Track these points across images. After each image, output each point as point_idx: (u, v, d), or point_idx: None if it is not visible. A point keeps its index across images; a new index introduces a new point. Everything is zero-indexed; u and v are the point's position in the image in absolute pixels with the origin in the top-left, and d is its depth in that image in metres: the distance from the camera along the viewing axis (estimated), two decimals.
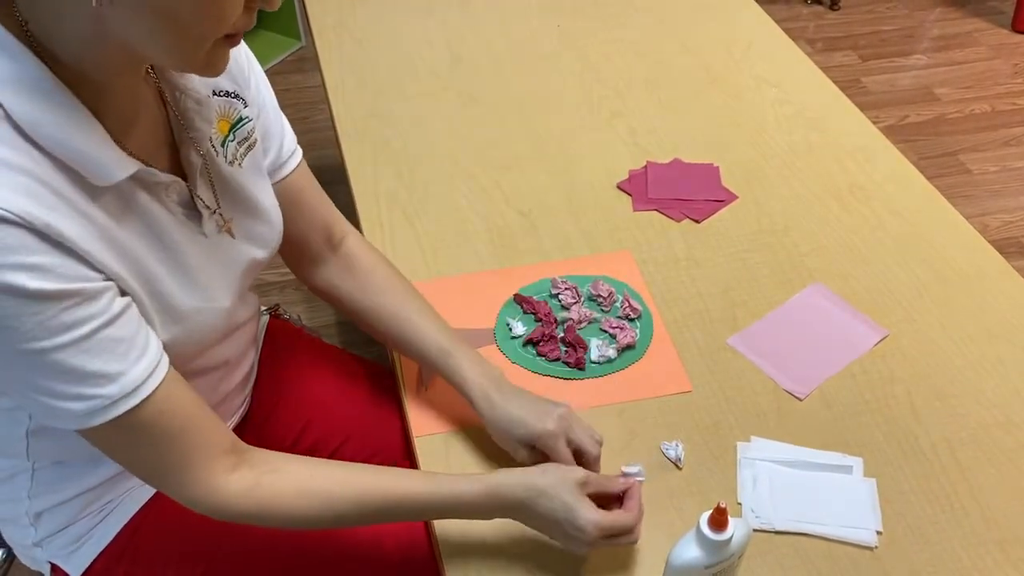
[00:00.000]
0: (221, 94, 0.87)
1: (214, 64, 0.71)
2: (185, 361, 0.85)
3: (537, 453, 0.93)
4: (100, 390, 0.72)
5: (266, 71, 0.98)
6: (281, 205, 0.97)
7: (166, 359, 0.77)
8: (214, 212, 0.86)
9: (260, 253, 0.93)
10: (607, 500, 0.88)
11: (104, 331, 0.71)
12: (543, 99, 1.54)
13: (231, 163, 0.88)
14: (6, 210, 0.63)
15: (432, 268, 1.22)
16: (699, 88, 1.57)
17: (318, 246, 1.06)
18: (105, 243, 0.72)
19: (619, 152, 1.43)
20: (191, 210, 0.84)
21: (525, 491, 0.85)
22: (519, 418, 0.93)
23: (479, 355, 1.00)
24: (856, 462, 0.99)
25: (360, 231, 1.28)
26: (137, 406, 0.74)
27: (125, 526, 0.97)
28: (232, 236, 0.89)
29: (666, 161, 1.41)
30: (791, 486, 0.97)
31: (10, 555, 1.29)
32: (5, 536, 1.01)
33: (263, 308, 1.18)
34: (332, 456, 1.17)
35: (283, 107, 1.02)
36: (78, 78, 0.70)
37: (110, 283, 0.73)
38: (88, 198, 0.71)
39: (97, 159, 0.71)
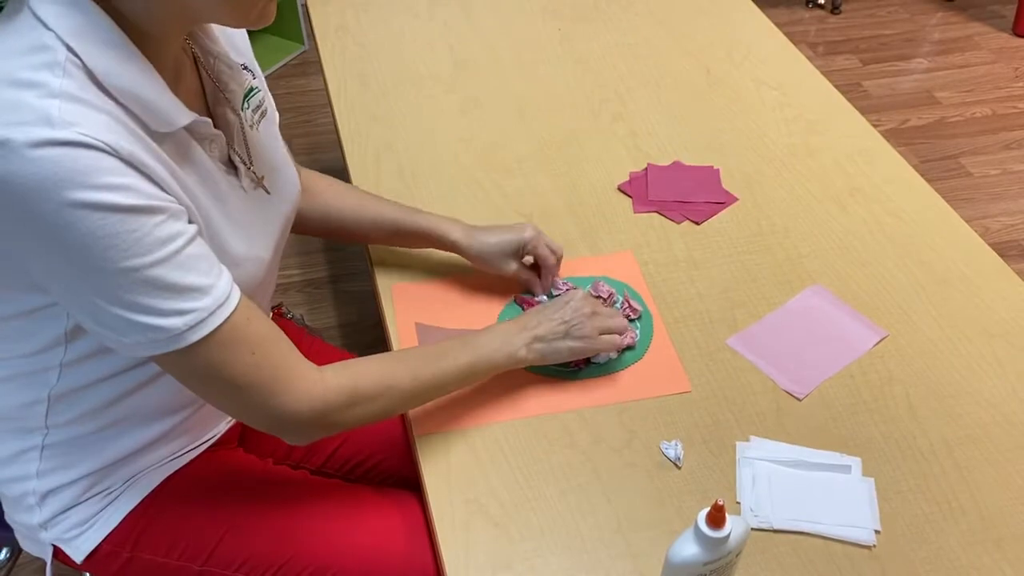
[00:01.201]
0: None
1: (266, 16, 0.78)
2: None
3: (520, 264, 1.16)
4: (197, 303, 0.77)
5: (269, 75, 1.02)
6: None
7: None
8: (249, 168, 0.93)
9: (288, 207, 1.00)
10: None
11: (190, 247, 0.77)
12: (544, 102, 1.55)
13: (251, 127, 0.95)
14: (94, 138, 0.69)
15: (433, 269, 1.23)
16: (700, 91, 1.58)
17: None
18: (174, 180, 0.78)
19: (620, 154, 1.44)
20: (229, 166, 0.90)
21: (529, 311, 1.06)
22: (502, 238, 1.14)
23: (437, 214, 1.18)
24: (854, 462, 1.00)
25: None
26: (230, 316, 0.79)
27: (131, 512, 0.98)
28: (267, 191, 0.96)
29: (666, 163, 1.41)
30: (790, 485, 0.97)
31: (13, 553, 1.30)
32: (9, 519, 1.01)
33: None
34: (333, 455, 1.18)
35: (285, 110, 1.04)
36: (139, 33, 0.76)
37: (183, 208, 0.78)
38: (154, 142, 0.77)
39: (162, 106, 0.78)
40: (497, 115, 1.52)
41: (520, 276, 1.17)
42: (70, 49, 0.72)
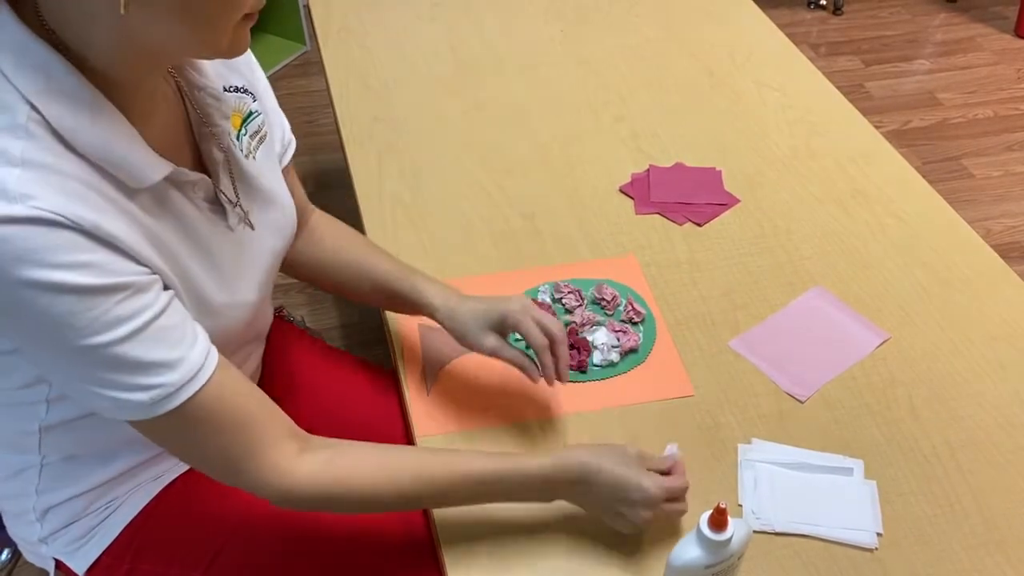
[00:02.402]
0: (231, 89, 0.89)
1: (237, 46, 0.74)
2: None
3: (501, 341, 0.98)
4: (163, 378, 0.73)
5: (271, 75, 1.00)
6: None
7: (213, 346, 0.79)
8: (236, 205, 0.88)
9: (279, 243, 0.96)
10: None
11: (157, 321, 0.73)
12: (546, 103, 1.55)
13: (247, 156, 0.90)
14: (56, 213, 0.66)
15: (436, 271, 1.23)
16: (701, 92, 1.58)
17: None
18: (147, 240, 0.75)
19: (622, 156, 1.44)
20: (215, 205, 0.86)
21: (589, 456, 0.88)
22: (483, 308, 0.99)
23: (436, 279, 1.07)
24: (857, 464, 1.00)
25: (364, 234, 1.29)
26: (200, 390, 0.76)
27: (130, 522, 0.98)
28: (252, 227, 0.90)
29: (668, 165, 1.41)
30: (792, 488, 0.97)
31: (15, 555, 1.30)
32: (11, 532, 1.02)
33: None
34: None
35: (287, 111, 1.04)
36: (108, 82, 0.72)
37: (156, 276, 0.75)
38: (127, 199, 0.73)
39: (134, 162, 0.73)
40: (499, 116, 1.51)
41: (500, 355, 0.99)
42: (33, 107, 0.67)
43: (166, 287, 0.77)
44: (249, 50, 0.94)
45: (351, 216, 1.35)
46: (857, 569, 0.91)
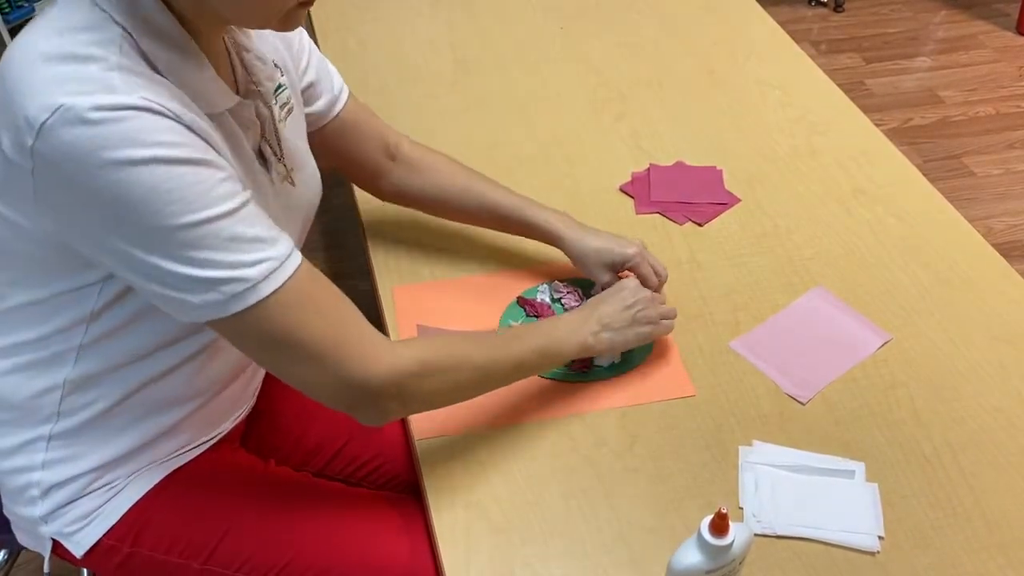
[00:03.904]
0: (270, 60, 0.95)
1: (291, 23, 0.80)
2: None
3: (615, 277, 1.11)
4: (268, 252, 0.77)
5: None
6: (344, 133, 1.12)
7: None
8: (280, 160, 0.94)
9: (314, 199, 1.03)
10: None
11: (251, 205, 0.78)
12: (546, 101, 1.54)
13: (279, 121, 0.96)
14: (162, 105, 0.72)
15: (435, 270, 1.22)
16: (702, 90, 1.57)
17: (381, 160, 1.17)
18: (225, 158, 0.80)
19: (622, 155, 1.43)
20: (260, 157, 0.92)
21: (587, 304, 1.05)
22: (606, 247, 1.11)
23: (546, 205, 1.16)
24: (858, 466, 0.99)
25: (362, 232, 1.28)
26: (299, 267, 0.80)
27: (133, 507, 0.98)
28: (293, 184, 0.97)
29: (669, 164, 1.40)
30: (793, 490, 0.97)
31: (11, 555, 1.29)
32: (7, 511, 1.01)
33: None
34: (335, 456, 1.17)
35: None
36: (191, 26, 0.80)
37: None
38: (202, 120, 0.79)
39: (210, 89, 0.81)
40: (499, 115, 1.51)
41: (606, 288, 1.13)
42: (125, 30, 0.74)
43: None
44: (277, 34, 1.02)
45: (350, 215, 1.35)
46: (858, 572, 0.90)
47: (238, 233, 0.75)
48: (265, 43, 0.96)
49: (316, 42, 1.69)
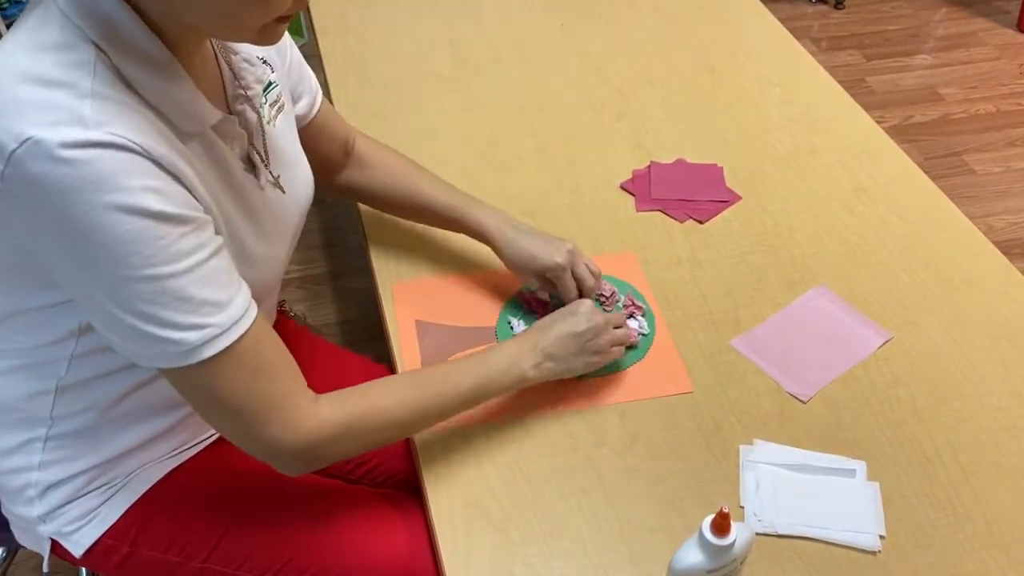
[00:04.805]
0: (259, 59, 0.94)
1: (268, 38, 0.78)
2: None
3: (547, 282, 1.10)
4: (212, 319, 0.76)
5: None
6: (318, 133, 1.11)
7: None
8: (267, 166, 0.93)
9: (301, 205, 1.01)
10: None
11: (212, 260, 0.76)
12: (546, 99, 1.54)
13: (268, 123, 0.94)
14: (129, 139, 0.70)
15: (434, 267, 1.22)
16: (703, 88, 1.57)
17: (338, 156, 1.18)
18: (200, 183, 0.78)
19: (622, 152, 1.42)
20: (248, 164, 0.90)
21: (534, 327, 1.02)
22: (532, 254, 1.09)
23: (488, 204, 1.15)
24: (859, 466, 0.99)
25: (361, 229, 1.28)
26: (244, 334, 0.78)
27: (132, 507, 0.98)
28: (283, 191, 0.96)
29: (670, 161, 1.40)
30: (794, 490, 0.96)
31: (9, 553, 1.29)
32: (6, 510, 1.00)
33: None
34: None
35: None
36: (163, 35, 0.77)
37: (210, 218, 0.78)
38: (181, 142, 0.77)
39: (191, 106, 0.79)
40: (498, 112, 1.50)
41: (539, 295, 1.15)
42: (99, 48, 0.72)
43: (216, 232, 0.79)
44: None
45: (350, 212, 1.35)
46: (859, 571, 0.90)
47: (189, 295, 0.74)
48: None
49: (316, 41, 1.69)
